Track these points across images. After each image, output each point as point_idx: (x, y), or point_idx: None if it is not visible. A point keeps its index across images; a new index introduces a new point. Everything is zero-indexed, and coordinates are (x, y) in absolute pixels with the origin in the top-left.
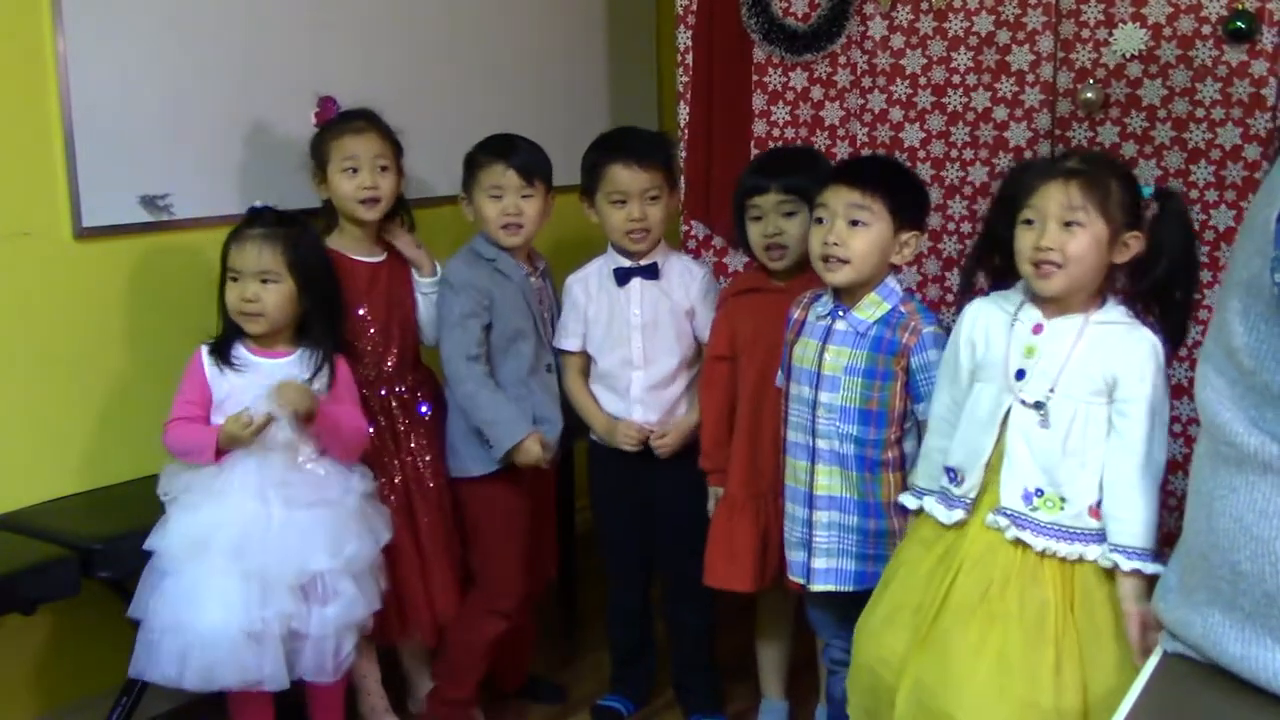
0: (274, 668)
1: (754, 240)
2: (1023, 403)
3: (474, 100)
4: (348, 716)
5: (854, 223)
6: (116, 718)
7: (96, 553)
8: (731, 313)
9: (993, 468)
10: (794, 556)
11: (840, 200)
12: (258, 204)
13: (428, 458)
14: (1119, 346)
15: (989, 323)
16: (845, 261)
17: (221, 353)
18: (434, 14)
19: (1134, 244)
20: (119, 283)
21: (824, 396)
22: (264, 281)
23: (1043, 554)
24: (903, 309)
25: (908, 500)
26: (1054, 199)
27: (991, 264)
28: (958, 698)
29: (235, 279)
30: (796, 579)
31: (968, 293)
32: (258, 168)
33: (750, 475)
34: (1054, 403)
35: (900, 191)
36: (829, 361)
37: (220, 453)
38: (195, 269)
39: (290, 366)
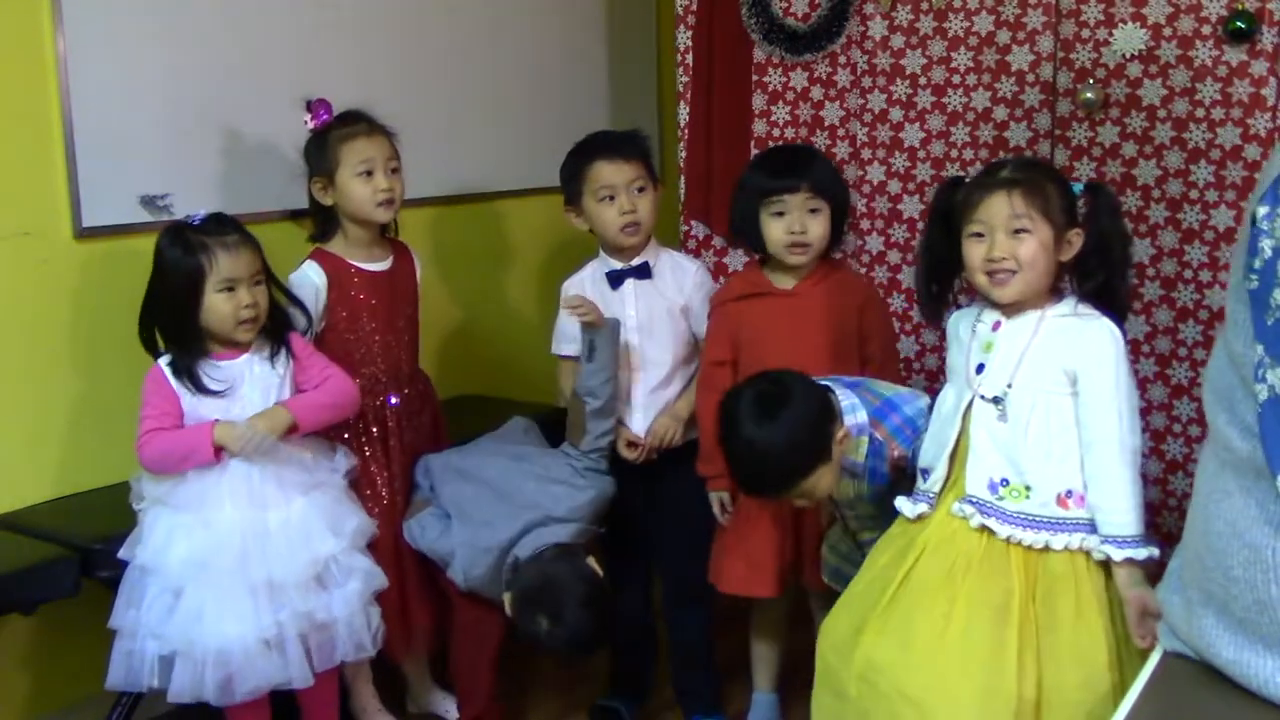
0: (298, 668)
1: (776, 237)
2: (982, 397)
3: (474, 101)
4: (342, 716)
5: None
6: (116, 718)
7: (96, 553)
8: (732, 317)
9: (958, 461)
10: (836, 566)
11: (1002, 214)
12: (202, 211)
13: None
14: (1077, 339)
15: (959, 327)
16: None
17: (186, 371)
18: (434, 16)
19: (1076, 240)
20: (119, 283)
21: (849, 510)
22: (256, 284)
23: (1007, 541)
24: (878, 436)
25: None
26: (999, 210)
27: (936, 280)
28: (919, 677)
29: (231, 289)
30: (835, 586)
31: (931, 309)
32: (257, 168)
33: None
34: (1012, 395)
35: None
36: (839, 491)
37: (217, 451)
38: None
39: (252, 362)
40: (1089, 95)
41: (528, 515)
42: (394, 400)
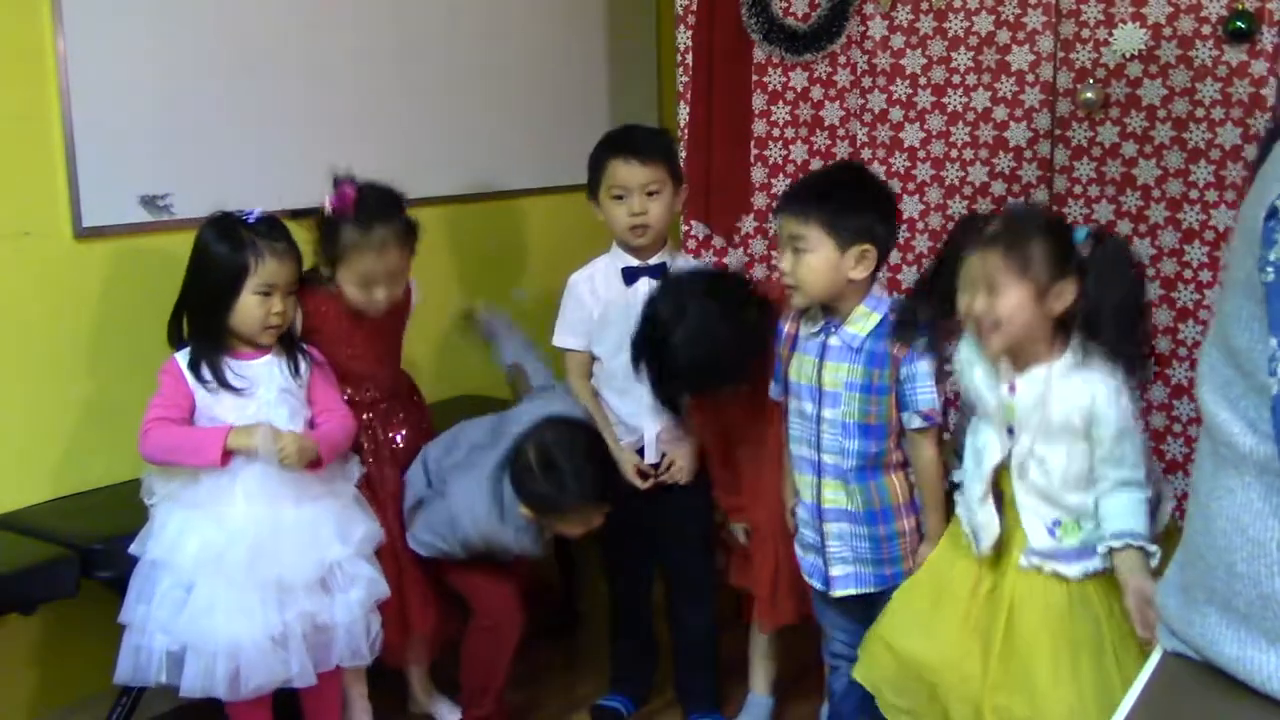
0: (301, 665)
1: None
2: (1017, 459)
3: (473, 101)
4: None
5: (797, 250)
6: (116, 718)
7: (96, 553)
8: None
9: (1009, 514)
10: (813, 561)
11: (784, 230)
12: (258, 210)
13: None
14: (1079, 394)
15: (973, 371)
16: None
17: (208, 365)
18: (434, 14)
19: (1068, 293)
20: (119, 283)
21: (827, 412)
22: (289, 294)
23: (1083, 578)
24: (891, 317)
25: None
26: (975, 267)
27: (920, 307)
28: None
29: (268, 294)
30: (814, 582)
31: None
32: (257, 168)
33: (770, 510)
34: (1047, 453)
35: (839, 211)
36: (829, 378)
37: (225, 455)
38: None
39: (272, 365)
40: (1089, 95)
41: (512, 431)
42: (370, 417)
